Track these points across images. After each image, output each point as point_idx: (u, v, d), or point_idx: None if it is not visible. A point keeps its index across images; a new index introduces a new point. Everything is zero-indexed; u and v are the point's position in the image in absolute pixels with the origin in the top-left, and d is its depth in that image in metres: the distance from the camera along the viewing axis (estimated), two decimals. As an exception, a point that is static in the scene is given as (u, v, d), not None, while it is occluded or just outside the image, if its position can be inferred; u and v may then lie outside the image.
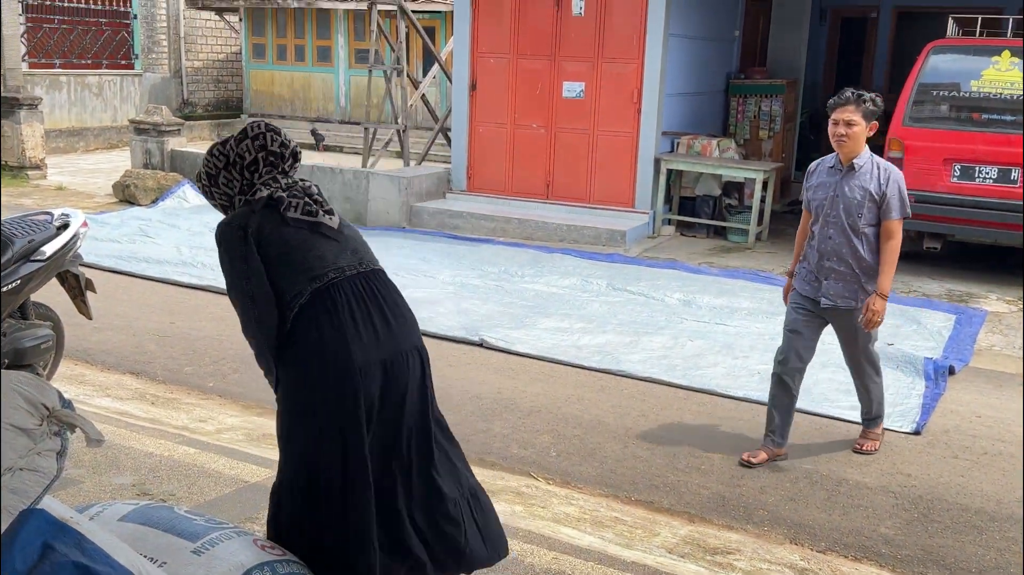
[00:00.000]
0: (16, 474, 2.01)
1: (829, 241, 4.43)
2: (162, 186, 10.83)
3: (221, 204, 2.80)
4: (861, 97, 4.28)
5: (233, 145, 2.76)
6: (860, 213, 4.35)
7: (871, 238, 4.40)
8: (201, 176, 2.83)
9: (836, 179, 4.43)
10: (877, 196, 4.33)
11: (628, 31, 9.67)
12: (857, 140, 4.32)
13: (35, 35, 16.27)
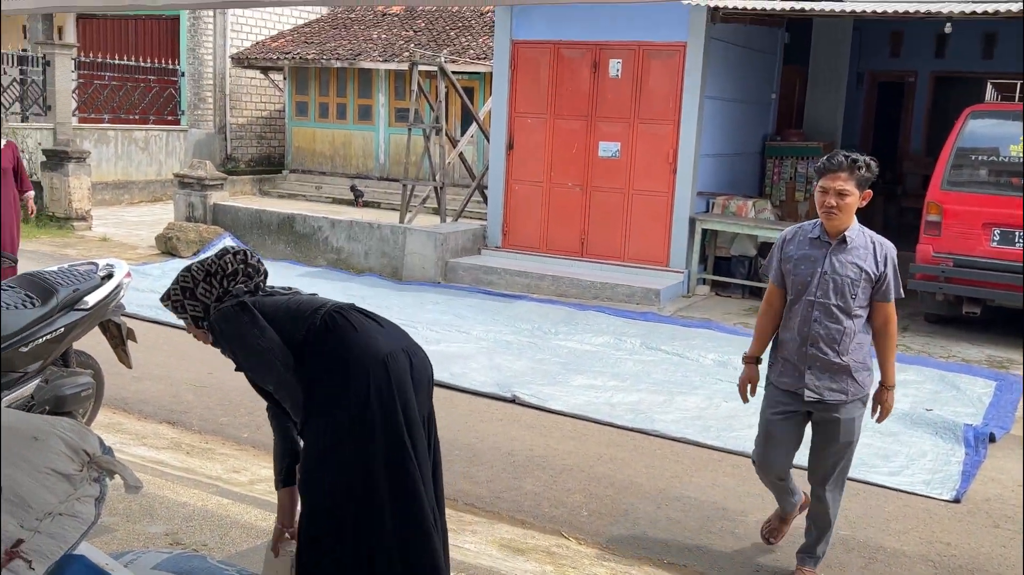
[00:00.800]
0: (56, 519, 2.05)
1: (814, 325, 3.77)
2: (204, 239, 11.03)
3: (193, 316, 3.00)
4: (855, 163, 3.69)
5: (215, 259, 3.00)
6: (854, 294, 3.74)
7: (863, 322, 3.81)
8: (171, 294, 3.01)
9: (823, 253, 3.78)
10: (875, 276, 3.73)
11: (664, 93, 9.79)
12: (849, 212, 3.73)
13: (86, 90, 16.79)
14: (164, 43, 18.82)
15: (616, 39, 9.90)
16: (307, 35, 18.58)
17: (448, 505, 4.56)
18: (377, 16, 18.58)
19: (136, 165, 17.07)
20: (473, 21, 17.30)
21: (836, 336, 3.76)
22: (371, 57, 16.78)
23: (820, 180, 3.74)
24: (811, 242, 3.82)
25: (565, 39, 10.18)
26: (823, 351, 3.77)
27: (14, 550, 1.96)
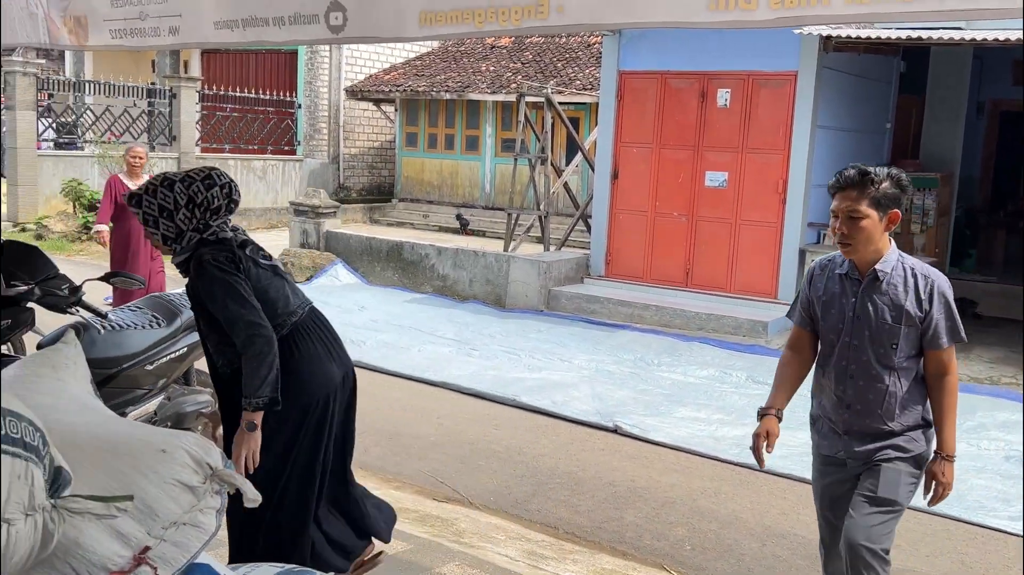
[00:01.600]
0: (180, 528, 2.15)
1: (850, 383, 3.10)
2: (317, 264, 11.38)
3: (164, 235, 3.11)
4: (867, 177, 2.95)
5: (202, 189, 3.11)
6: (894, 343, 3.00)
7: (912, 375, 3.06)
8: (145, 205, 3.09)
9: (853, 292, 3.07)
10: (918, 317, 2.98)
11: (774, 122, 9.66)
12: (867, 240, 2.96)
13: (209, 122, 17.59)
14: (282, 76, 19.60)
15: (725, 69, 9.84)
16: (418, 68, 19.05)
17: (549, 533, 4.59)
18: (486, 49, 18.92)
19: (254, 193, 17.76)
20: (580, 52, 17.44)
21: (877, 398, 3.05)
22: (479, 89, 17.09)
23: (832, 201, 3.04)
24: (839, 280, 3.12)
25: (672, 69, 10.18)
26: (862, 416, 3.08)
27: (142, 556, 2.07)
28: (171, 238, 3.10)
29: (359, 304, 9.96)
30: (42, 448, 1.81)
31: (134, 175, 8.04)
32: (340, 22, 3.18)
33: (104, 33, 3.98)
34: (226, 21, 3.53)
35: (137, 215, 3.10)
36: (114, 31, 3.94)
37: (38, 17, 4.21)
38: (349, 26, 3.17)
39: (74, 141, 16.58)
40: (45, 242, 12.91)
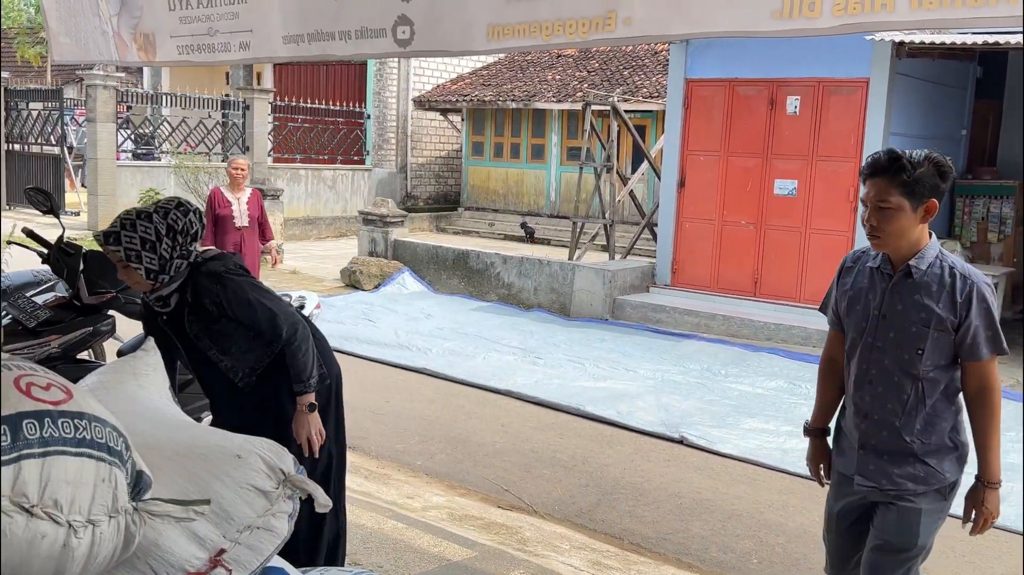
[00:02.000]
0: (254, 532, 2.22)
1: (868, 388, 2.76)
2: (384, 273, 11.54)
3: (148, 268, 2.97)
4: (899, 162, 2.59)
5: (180, 216, 3.02)
6: (921, 348, 2.66)
7: (944, 389, 2.70)
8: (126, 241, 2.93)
9: (882, 289, 2.75)
10: (950, 322, 2.64)
11: (845, 130, 9.51)
12: (898, 231, 2.64)
13: (280, 132, 17.97)
14: (352, 87, 19.94)
15: (794, 76, 9.72)
16: (485, 78, 19.20)
17: (613, 543, 4.58)
18: (552, 58, 18.99)
19: (324, 202, 18.08)
20: (647, 60, 17.39)
21: (896, 409, 2.71)
22: (545, 98, 17.15)
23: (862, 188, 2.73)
24: (871, 273, 2.80)
25: (741, 77, 10.08)
26: (879, 427, 2.74)
27: (217, 558, 2.14)
28: (155, 270, 2.98)
29: (425, 312, 10.07)
30: (125, 452, 1.88)
31: (236, 187, 7.90)
32: (407, 36, 3.24)
33: (172, 49, 4.11)
34: (293, 36, 3.62)
35: (115, 253, 2.94)
36: (181, 47, 4.07)
37: (109, 35, 4.37)
38: (416, 40, 3.23)
39: (151, 152, 17.10)
40: (124, 250, 13.32)
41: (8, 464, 1.65)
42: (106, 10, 4.28)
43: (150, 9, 4.09)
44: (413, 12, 3.17)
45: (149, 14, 4.11)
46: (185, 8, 3.98)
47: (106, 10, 4.28)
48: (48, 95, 17.70)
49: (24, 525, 1.65)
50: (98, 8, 4.34)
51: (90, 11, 4.39)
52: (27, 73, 28.53)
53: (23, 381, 1.77)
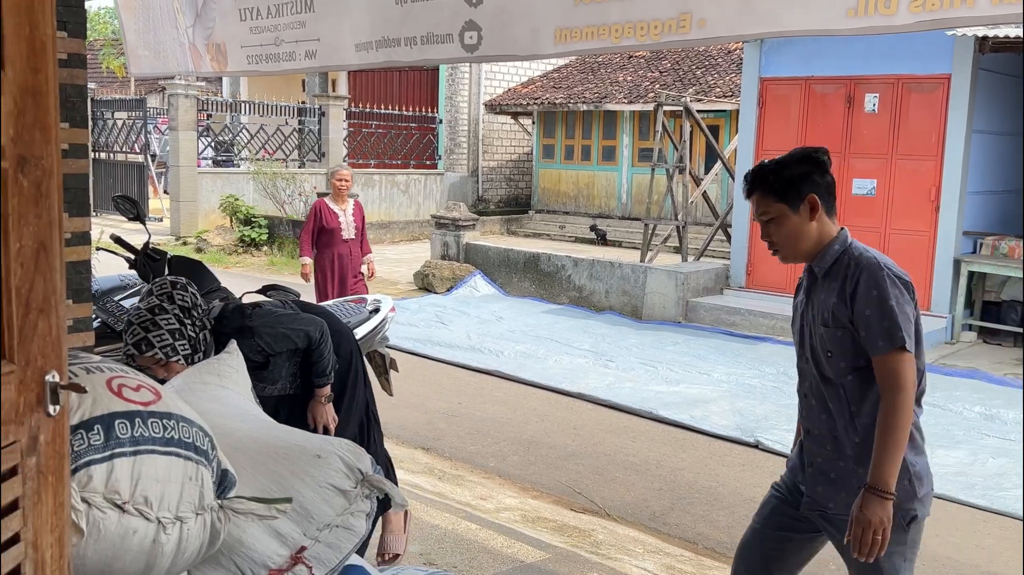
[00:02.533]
0: (333, 530, 2.27)
1: (804, 402, 2.66)
2: (456, 276, 11.64)
3: (185, 355, 2.92)
4: (761, 170, 2.57)
5: (183, 293, 3.00)
6: (829, 350, 2.52)
7: (868, 394, 2.48)
8: (159, 342, 2.87)
9: (802, 299, 2.69)
10: (846, 316, 2.46)
11: (926, 127, 9.27)
12: (792, 238, 2.56)
13: (355, 139, 18.27)
14: (424, 92, 20.16)
15: (873, 73, 9.51)
16: (556, 80, 19.21)
17: (687, 547, 4.55)
18: (623, 59, 18.90)
19: (397, 207, 18.32)
20: (720, 59, 17.20)
21: (829, 420, 2.54)
22: (616, 99, 17.08)
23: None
24: (800, 285, 2.73)
25: (817, 74, 9.91)
26: (820, 444, 2.59)
27: (298, 555, 2.20)
28: (190, 354, 2.95)
29: (497, 315, 10.12)
30: (210, 452, 1.95)
31: (341, 199, 7.61)
32: (475, 41, 3.27)
33: (242, 59, 4.21)
34: (363, 43, 3.69)
35: (154, 357, 2.87)
36: (251, 57, 4.17)
37: (184, 46, 4.51)
38: (484, 45, 3.25)
39: (231, 159, 17.55)
40: (204, 255, 13.69)
41: (102, 462, 1.72)
42: (182, 22, 4.42)
43: (223, 20, 4.21)
44: (481, 17, 3.20)
45: (221, 25, 4.23)
46: (255, 19, 4.08)
47: (182, 22, 4.42)
48: (132, 105, 18.31)
49: (117, 521, 1.72)
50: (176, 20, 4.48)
51: (168, 23, 4.54)
52: (112, 83, 29.55)
53: (115, 382, 1.84)
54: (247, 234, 14.47)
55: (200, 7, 4.29)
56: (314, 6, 3.81)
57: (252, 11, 4.06)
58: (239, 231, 14.60)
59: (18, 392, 1.38)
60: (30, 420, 1.41)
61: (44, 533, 1.45)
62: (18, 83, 1.36)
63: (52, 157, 1.45)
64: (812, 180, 2.54)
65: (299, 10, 3.89)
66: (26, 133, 1.38)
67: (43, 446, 1.44)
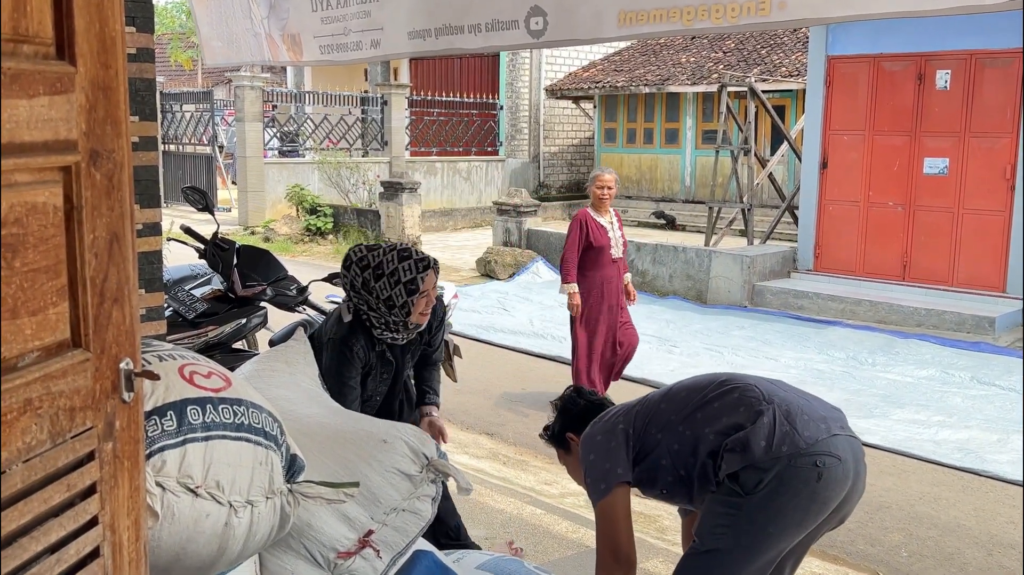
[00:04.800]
0: (400, 514, 2.30)
1: None
2: (519, 262, 11.65)
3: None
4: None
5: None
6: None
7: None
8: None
9: None
10: None
11: (1000, 104, 8.97)
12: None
13: (417, 127, 18.36)
14: (485, 79, 20.15)
15: (944, 49, 9.23)
16: (617, 63, 19.04)
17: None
18: (686, 40, 18.65)
19: (459, 194, 18.38)
20: (785, 38, 16.86)
21: None
22: (679, 81, 16.87)
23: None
24: None
25: (886, 52, 9.65)
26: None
27: (366, 539, 2.23)
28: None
29: (559, 301, 10.09)
30: (280, 437, 1.99)
31: (603, 209, 6.15)
32: (541, 26, 3.25)
33: (315, 49, 4.27)
34: (419, 31, 3.69)
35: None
36: (323, 47, 4.22)
37: (261, 37, 4.57)
38: (550, 30, 3.23)
39: (296, 149, 17.79)
40: (272, 244, 13.93)
41: (175, 447, 1.77)
42: (257, 13, 4.49)
43: (296, 11, 4.27)
44: (546, 2, 3.18)
45: (295, 16, 4.29)
46: (326, 9, 4.13)
47: (257, 13, 4.49)
48: (199, 97, 18.67)
49: (190, 504, 1.77)
50: (250, 11, 4.55)
51: (241, 14, 4.61)
52: (180, 76, 30.17)
53: (187, 370, 1.89)
54: (313, 223, 14.67)
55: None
56: None
57: (322, 1, 4.11)
58: (305, 220, 14.81)
59: (94, 379, 1.42)
60: (106, 406, 1.45)
61: (121, 516, 1.50)
62: (89, 79, 1.39)
63: (123, 150, 1.49)
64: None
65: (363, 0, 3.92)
66: (98, 127, 1.42)
67: (119, 431, 1.48)
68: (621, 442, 2.55)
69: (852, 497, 2.48)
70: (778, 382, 2.62)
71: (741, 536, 2.37)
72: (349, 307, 3.18)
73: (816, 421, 2.41)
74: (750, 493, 2.35)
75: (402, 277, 3.13)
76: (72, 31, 1.35)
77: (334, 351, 3.17)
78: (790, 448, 2.34)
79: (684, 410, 2.52)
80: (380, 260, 3.14)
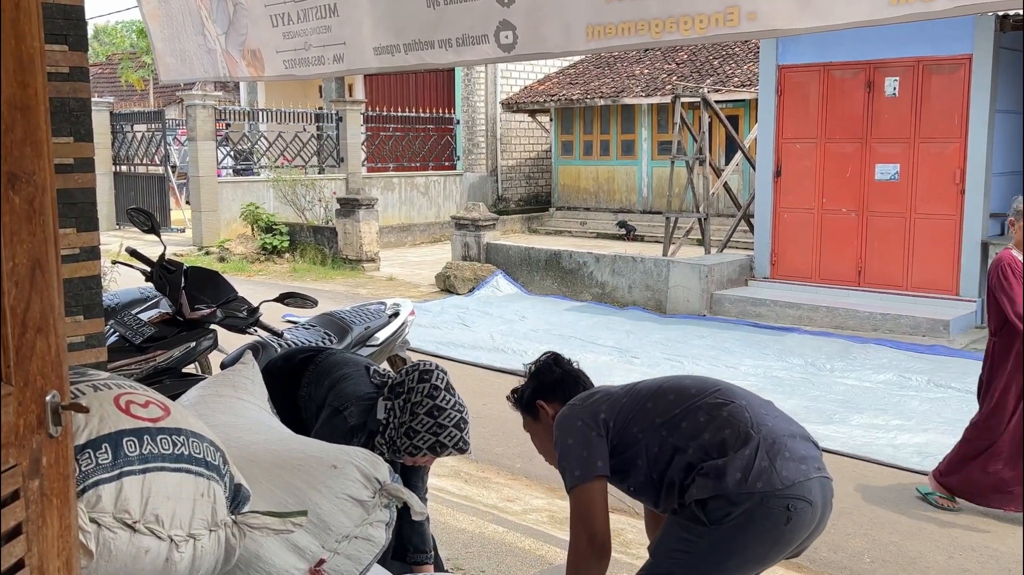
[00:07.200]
0: (352, 541, 2.24)
1: None
2: (478, 276, 11.60)
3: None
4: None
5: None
6: None
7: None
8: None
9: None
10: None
11: (948, 109, 9.12)
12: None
13: (373, 142, 18.28)
14: (441, 94, 20.13)
15: (892, 56, 9.37)
16: (572, 76, 19.13)
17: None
18: (639, 53, 18.80)
19: (417, 209, 18.31)
20: (737, 48, 17.05)
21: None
22: (634, 93, 16.98)
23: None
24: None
25: (835, 60, 9.78)
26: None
27: (317, 569, 2.16)
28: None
29: (520, 314, 10.07)
30: (222, 467, 1.91)
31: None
32: (511, 40, 3.22)
33: (279, 64, 4.21)
34: (386, 46, 3.65)
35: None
36: (287, 61, 4.17)
37: (216, 53, 4.50)
38: (520, 44, 3.20)
39: (250, 167, 17.62)
40: (227, 264, 13.74)
41: (111, 481, 1.69)
42: (213, 29, 4.42)
43: (255, 27, 4.20)
44: (515, 16, 3.16)
45: (254, 32, 4.22)
46: (287, 24, 4.07)
47: (213, 29, 4.42)
48: (151, 117, 18.42)
49: (128, 540, 1.69)
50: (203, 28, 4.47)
51: (193, 31, 4.53)
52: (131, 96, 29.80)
53: (123, 399, 1.81)
54: (269, 242, 14.52)
55: (232, 14, 4.28)
56: (338, 10, 3.79)
57: (283, 16, 4.06)
58: (261, 239, 14.65)
59: (17, 414, 1.34)
60: (31, 442, 1.37)
61: (51, 557, 1.42)
62: (5, 98, 1.32)
63: (45, 172, 1.42)
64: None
65: (323, 15, 3.88)
66: (16, 149, 1.35)
67: (46, 468, 1.41)
68: (602, 433, 2.50)
69: (815, 534, 2.46)
70: (767, 404, 2.55)
71: (699, 564, 2.33)
72: (387, 408, 3.05)
73: (796, 461, 2.36)
74: (715, 523, 2.31)
75: (440, 436, 3.03)
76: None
77: (337, 425, 3.00)
78: (765, 486, 2.29)
79: (669, 415, 2.46)
80: (445, 406, 3.06)
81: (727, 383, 2.60)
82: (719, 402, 2.45)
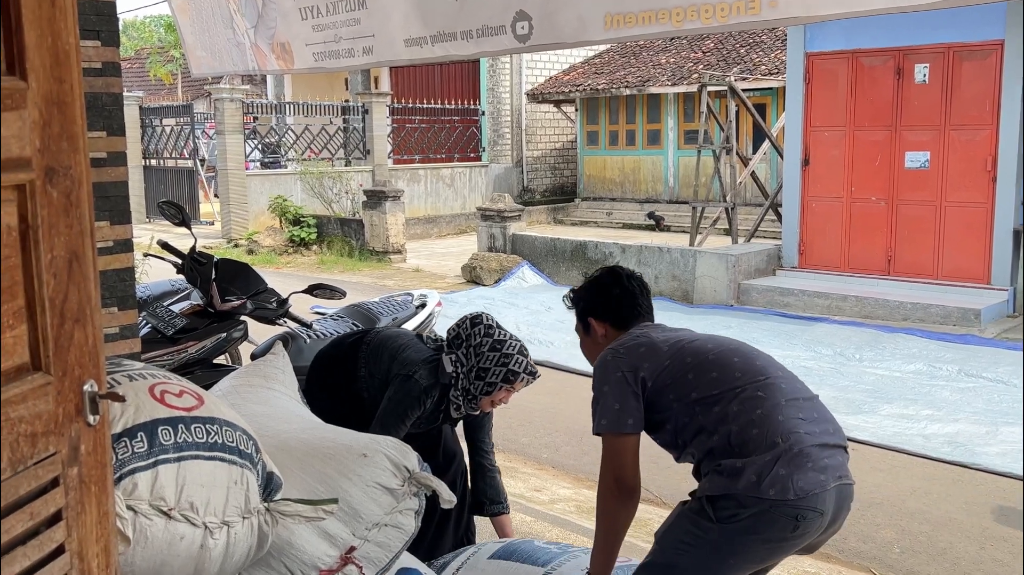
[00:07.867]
0: (382, 529, 2.26)
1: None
2: (504, 267, 11.61)
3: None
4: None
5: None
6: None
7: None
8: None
9: None
10: None
11: (979, 96, 9.01)
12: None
13: (399, 134, 18.32)
14: (466, 85, 20.13)
15: (922, 43, 9.26)
16: (597, 66, 19.06)
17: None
18: (665, 41, 18.69)
19: (443, 200, 18.34)
20: (764, 36, 16.91)
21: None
22: (660, 82, 16.89)
23: None
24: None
25: (864, 47, 9.68)
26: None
27: (348, 555, 2.19)
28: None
29: (545, 305, 10.07)
30: (255, 455, 1.94)
31: None
32: (526, 31, 3.23)
33: (308, 57, 4.24)
34: (415, 38, 3.67)
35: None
36: (316, 54, 4.20)
37: (245, 46, 4.54)
38: (535, 34, 3.21)
39: (278, 160, 17.72)
40: (256, 256, 13.85)
41: (146, 469, 1.72)
42: (242, 23, 4.46)
43: (284, 21, 4.24)
44: (530, 6, 3.16)
45: (284, 25, 4.26)
46: (316, 17, 4.10)
47: (242, 23, 4.46)
48: (179, 111, 18.57)
49: (163, 527, 1.73)
50: (232, 22, 4.51)
51: (223, 25, 4.57)
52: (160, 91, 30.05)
53: (158, 389, 1.85)
54: (296, 234, 14.61)
55: (261, 8, 4.32)
56: (366, 3, 3.81)
57: (312, 10, 4.09)
58: (288, 231, 14.75)
59: (56, 403, 1.37)
60: (70, 431, 1.41)
61: (89, 543, 1.45)
62: (42, 94, 1.35)
63: (81, 166, 1.44)
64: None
65: (352, 8, 3.90)
66: (53, 144, 1.38)
67: (84, 456, 1.44)
68: (638, 391, 2.50)
69: (828, 535, 2.44)
70: (808, 404, 2.52)
71: (702, 559, 2.34)
72: (452, 360, 3.11)
73: (817, 471, 2.32)
74: (722, 522, 2.31)
75: (510, 364, 3.08)
76: (22, 45, 1.31)
77: (410, 389, 3.06)
78: (778, 494, 2.26)
79: (707, 393, 2.44)
80: (505, 338, 3.12)
81: (776, 371, 2.56)
82: (758, 397, 2.42)
